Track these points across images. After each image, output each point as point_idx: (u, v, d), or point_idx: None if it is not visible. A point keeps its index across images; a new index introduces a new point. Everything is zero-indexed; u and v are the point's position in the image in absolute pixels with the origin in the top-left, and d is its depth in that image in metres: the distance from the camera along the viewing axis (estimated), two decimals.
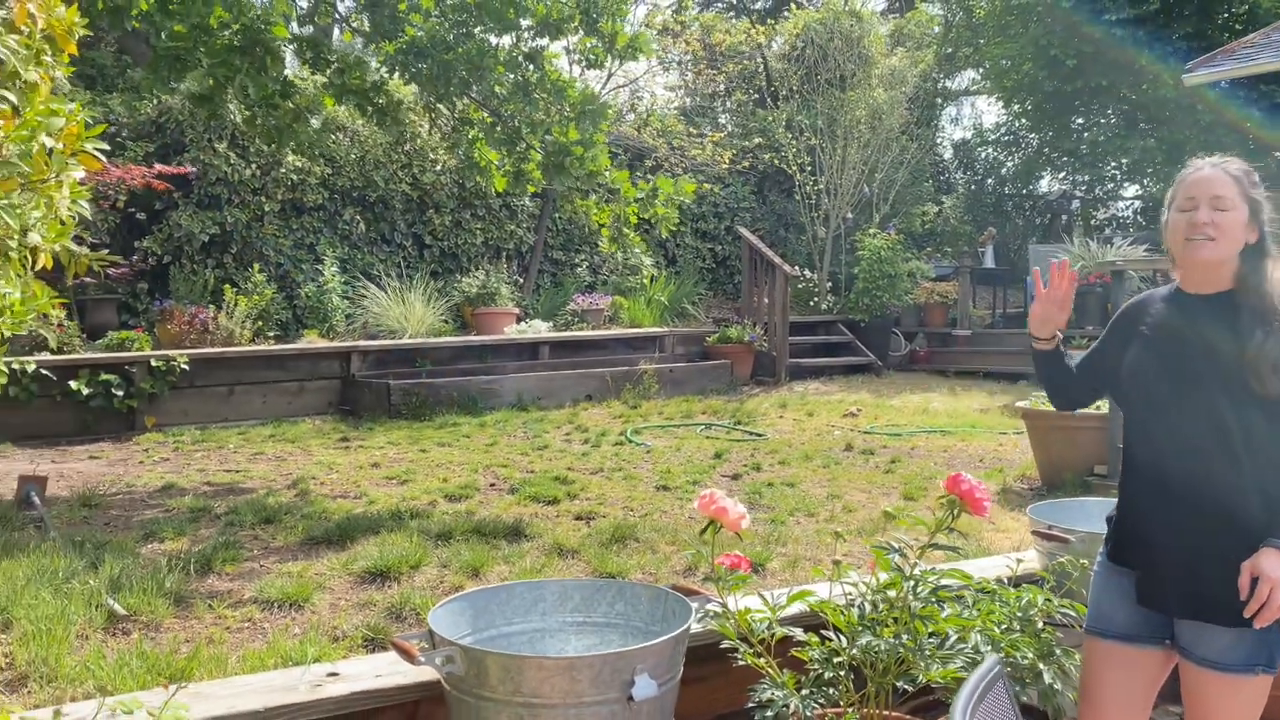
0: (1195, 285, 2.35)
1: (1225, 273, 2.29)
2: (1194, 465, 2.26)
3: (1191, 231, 2.26)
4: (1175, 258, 2.36)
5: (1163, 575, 2.33)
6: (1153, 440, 2.35)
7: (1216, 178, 2.29)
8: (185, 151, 10.30)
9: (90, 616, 3.13)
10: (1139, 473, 2.41)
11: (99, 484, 5.74)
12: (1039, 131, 15.67)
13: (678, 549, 4.27)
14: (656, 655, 2.24)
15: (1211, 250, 2.26)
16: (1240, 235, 2.27)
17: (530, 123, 6.06)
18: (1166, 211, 2.39)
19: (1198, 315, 2.32)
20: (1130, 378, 2.40)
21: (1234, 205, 2.26)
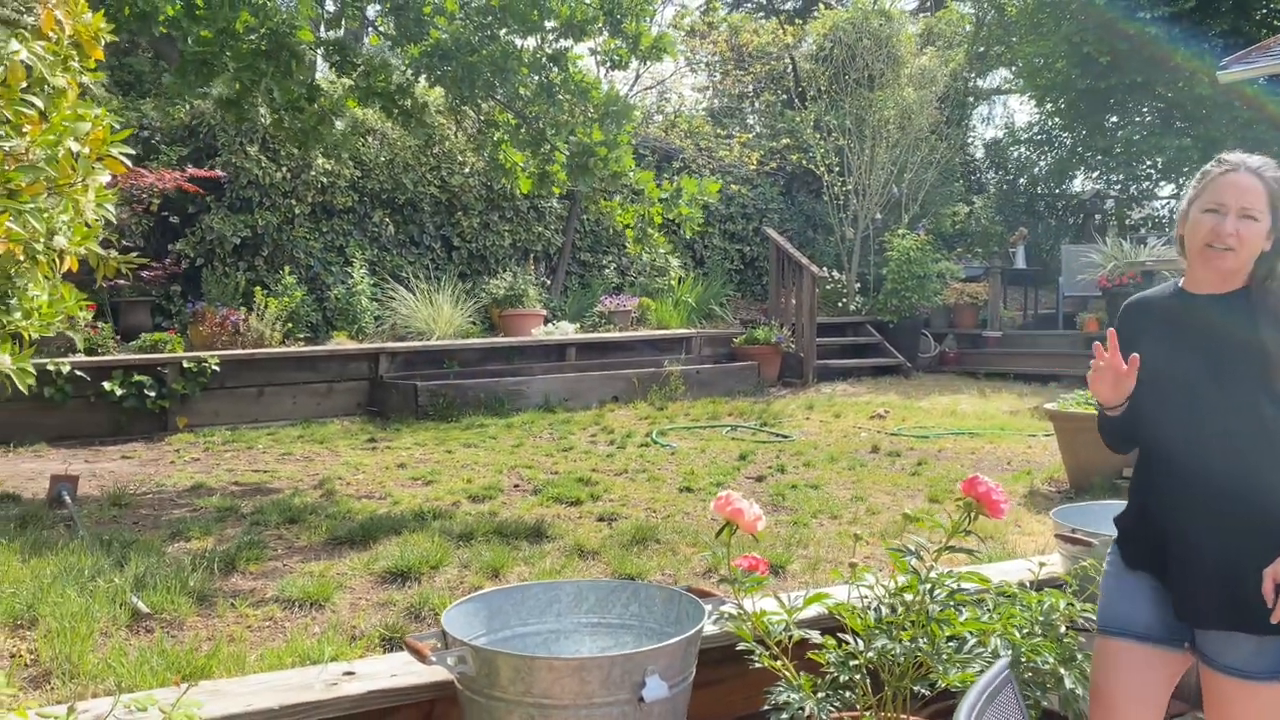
0: (1206, 286, 2.31)
1: (1238, 276, 2.27)
2: (1234, 467, 2.21)
3: (1215, 239, 2.22)
4: (1190, 257, 2.31)
5: (1197, 584, 2.27)
6: (1185, 445, 2.27)
7: (1250, 186, 2.24)
8: (217, 155, 10.42)
9: (114, 614, 3.17)
10: (1168, 478, 2.33)
11: (130, 483, 5.81)
12: (1072, 130, 15.49)
13: (698, 551, 4.26)
14: (668, 657, 2.24)
15: (1232, 261, 2.23)
16: (1259, 244, 2.24)
17: (554, 124, 6.07)
18: (1186, 203, 2.33)
19: (1216, 315, 2.28)
20: (1151, 382, 2.32)
21: (1261, 215, 2.23)
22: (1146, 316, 2.42)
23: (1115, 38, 13.40)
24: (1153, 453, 2.38)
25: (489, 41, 5.71)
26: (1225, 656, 2.22)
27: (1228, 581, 2.20)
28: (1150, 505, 2.38)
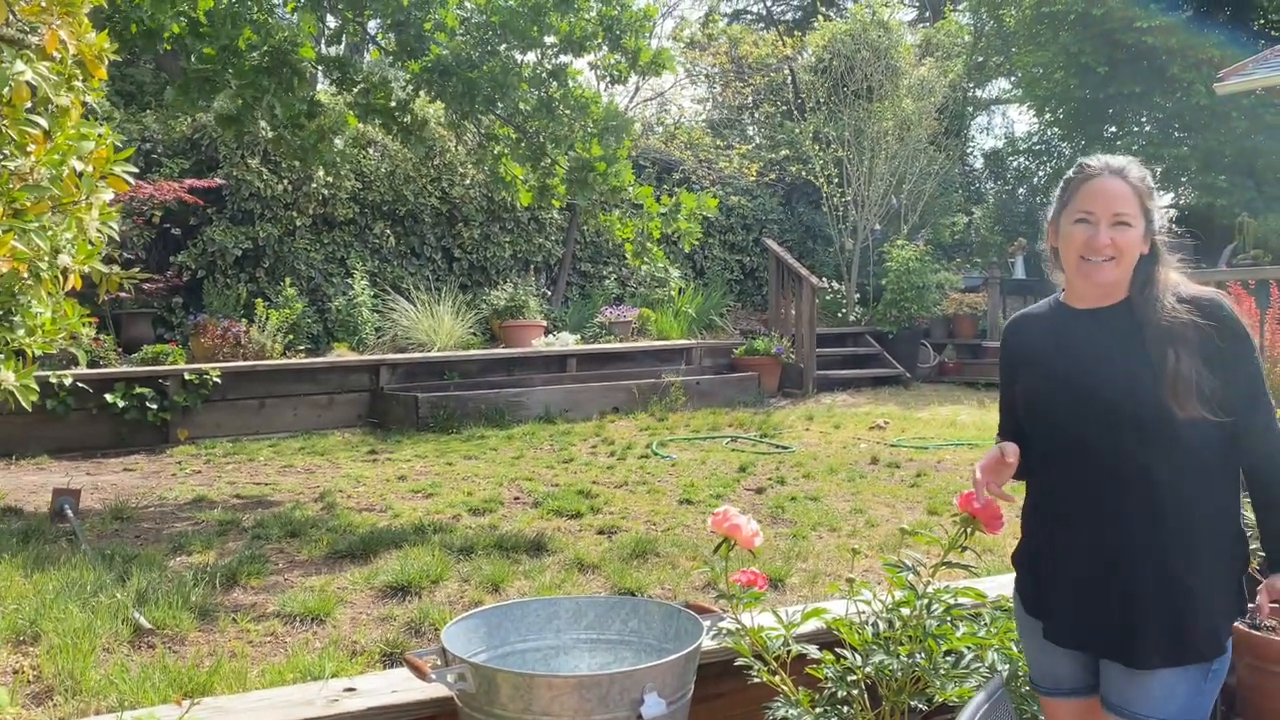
0: (1086, 301, 2.18)
1: (1120, 287, 2.14)
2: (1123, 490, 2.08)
3: (1091, 252, 2.10)
4: (1067, 271, 2.18)
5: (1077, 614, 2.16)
6: (1072, 469, 2.16)
7: (1118, 191, 2.10)
8: (219, 167, 10.46)
9: (116, 630, 3.19)
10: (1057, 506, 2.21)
11: (131, 496, 5.83)
12: (1071, 140, 15.55)
13: (698, 564, 4.28)
14: (666, 674, 2.25)
15: (1110, 272, 2.10)
16: (1138, 251, 2.12)
17: (554, 138, 6.11)
18: (1053, 213, 2.21)
19: (1097, 333, 2.15)
20: (1030, 408, 2.23)
21: (1134, 220, 2.10)
22: (1028, 335, 2.30)
23: (1113, 48, 13.46)
24: (1040, 480, 2.26)
25: (489, 57, 5.75)
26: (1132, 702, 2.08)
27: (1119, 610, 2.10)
28: (1040, 539, 2.27)
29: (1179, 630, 2.04)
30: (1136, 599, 2.07)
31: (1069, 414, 2.14)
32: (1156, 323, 2.06)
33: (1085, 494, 2.14)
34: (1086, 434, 2.11)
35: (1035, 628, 2.27)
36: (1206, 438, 2.03)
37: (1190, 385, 1.99)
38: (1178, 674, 2.04)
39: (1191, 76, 12.82)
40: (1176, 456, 2.04)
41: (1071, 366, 2.16)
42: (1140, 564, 2.07)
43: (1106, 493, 2.11)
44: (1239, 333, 2.07)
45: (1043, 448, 2.20)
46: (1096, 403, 2.10)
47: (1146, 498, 2.06)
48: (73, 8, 3.09)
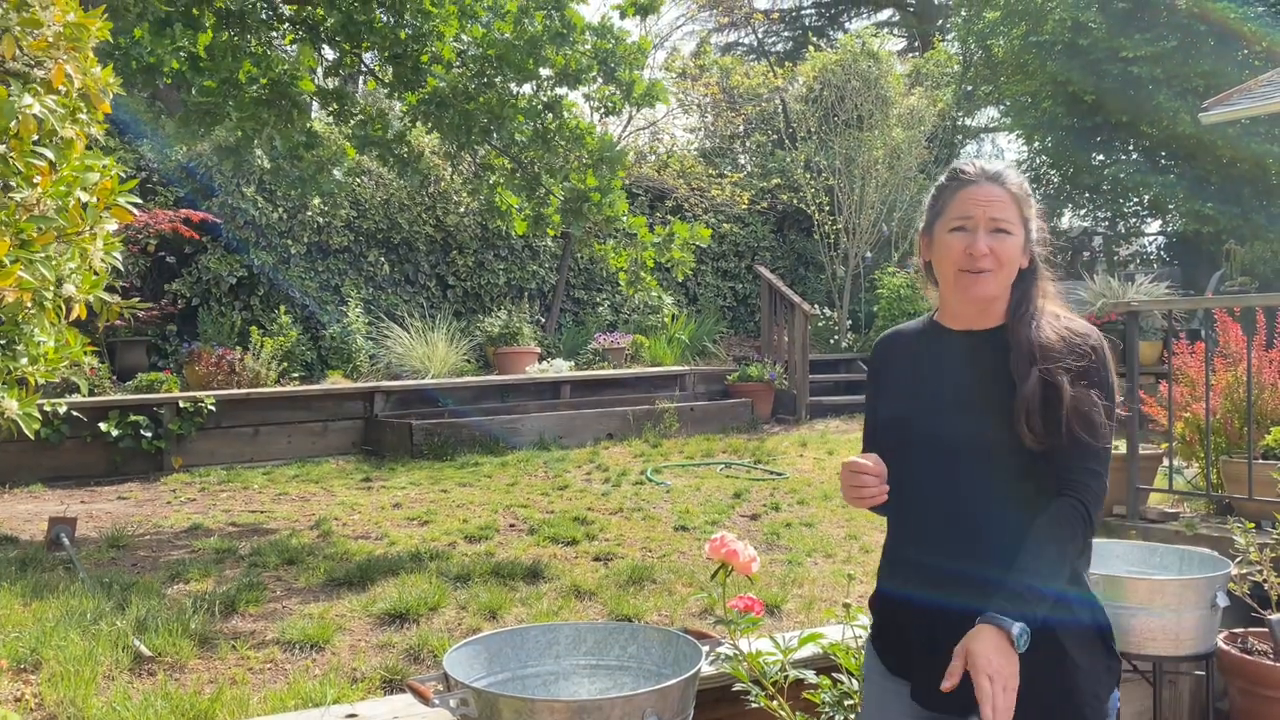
0: (961, 320, 1.99)
1: (998, 306, 1.96)
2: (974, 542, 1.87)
3: (968, 263, 1.90)
4: (942, 286, 1.99)
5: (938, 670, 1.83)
6: (925, 509, 1.94)
7: (997, 197, 1.92)
8: (214, 196, 10.52)
9: (117, 658, 3.20)
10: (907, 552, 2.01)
11: (127, 525, 5.84)
12: (1059, 168, 15.72)
13: (694, 590, 4.31)
14: (666, 698, 2.28)
15: (990, 285, 1.91)
16: (1018, 262, 1.94)
17: (549, 169, 6.19)
18: (925, 223, 2.03)
19: (963, 354, 1.97)
20: (887, 431, 2.03)
21: (1014, 229, 1.92)
22: (895, 355, 2.12)
23: (1100, 78, 13.64)
24: (898, 515, 2.04)
25: (486, 89, 5.83)
26: None
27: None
28: (895, 584, 2.04)
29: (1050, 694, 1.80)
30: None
31: (927, 444, 1.94)
32: (1024, 344, 1.88)
33: (938, 537, 1.93)
34: (941, 468, 1.92)
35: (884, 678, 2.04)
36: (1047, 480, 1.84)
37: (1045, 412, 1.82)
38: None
39: (1178, 105, 13.00)
40: (1037, 501, 1.84)
41: (935, 392, 1.97)
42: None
43: (960, 537, 1.89)
44: (1102, 373, 1.88)
45: (899, 478, 1.93)
46: (954, 434, 1.91)
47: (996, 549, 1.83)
48: (79, 43, 3.15)
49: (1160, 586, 3.46)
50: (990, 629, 1.69)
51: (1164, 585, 3.47)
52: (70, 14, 3.13)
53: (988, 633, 1.69)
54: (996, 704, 1.61)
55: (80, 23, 3.14)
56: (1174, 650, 3.48)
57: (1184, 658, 3.53)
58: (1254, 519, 4.54)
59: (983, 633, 1.69)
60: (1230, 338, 5.55)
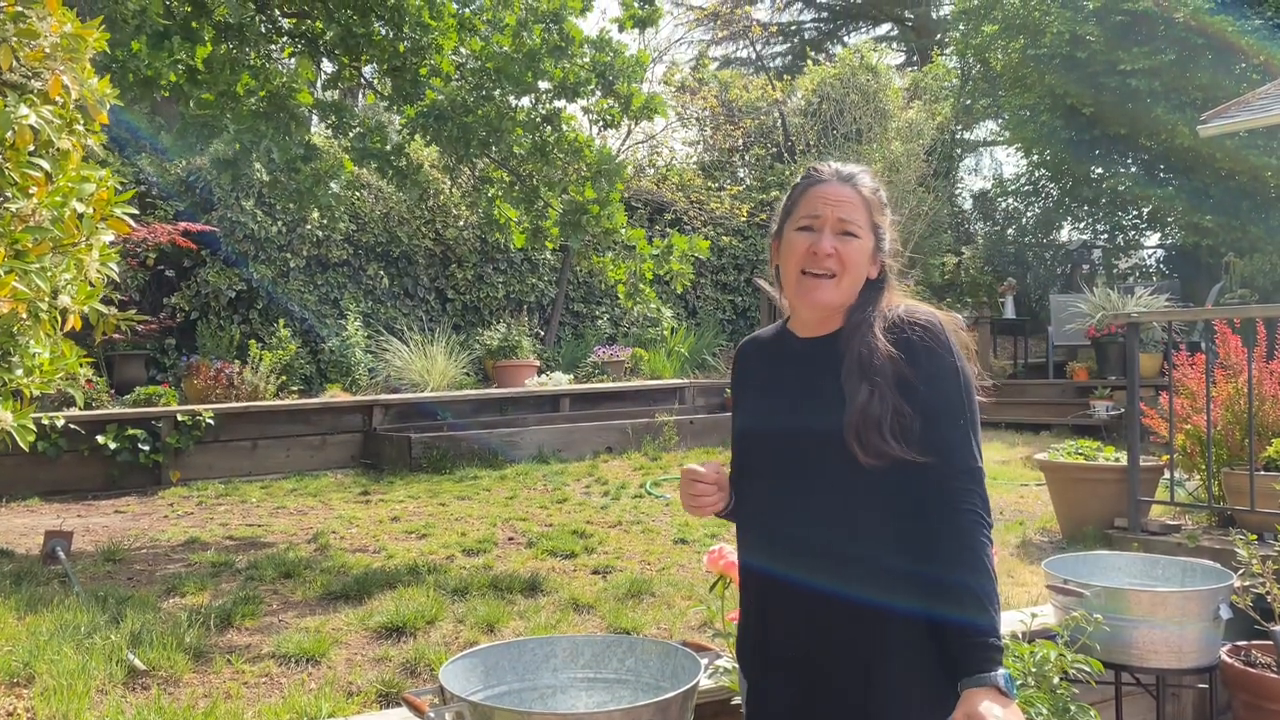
0: (807, 327, 1.93)
1: (840, 314, 1.89)
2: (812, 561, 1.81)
3: (812, 263, 1.83)
4: (786, 290, 1.91)
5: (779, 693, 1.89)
6: (766, 525, 1.89)
7: (846, 197, 1.86)
8: (213, 209, 10.53)
9: (111, 672, 3.17)
10: (744, 561, 1.98)
11: (124, 538, 5.81)
12: (1058, 181, 15.74)
13: (693, 603, 4.28)
14: (665, 712, 2.26)
15: (831, 292, 1.84)
16: (864, 270, 1.87)
17: (548, 182, 6.18)
18: (777, 224, 1.96)
19: (805, 364, 1.90)
20: (740, 439, 1.98)
21: (863, 233, 1.86)
22: (748, 364, 2.06)
23: (1099, 91, 13.67)
24: (742, 525, 1.99)
25: (485, 102, 5.83)
26: None
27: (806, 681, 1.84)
28: (748, 602, 1.99)
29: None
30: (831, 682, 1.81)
31: (768, 457, 1.89)
32: (854, 353, 1.80)
33: (780, 557, 1.87)
34: (780, 482, 1.86)
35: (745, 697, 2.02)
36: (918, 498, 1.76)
37: (878, 426, 1.73)
38: None
39: (1176, 118, 13.02)
40: (875, 516, 1.78)
41: (779, 401, 1.91)
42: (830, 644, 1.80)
43: (798, 557, 1.84)
44: (944, 362, 1.80)
45: (743, 488, 1.93)
46: (794, 444, 1.85)
47: (839, 563, 1.79)
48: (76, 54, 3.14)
49: (1163, 599, 3.44)
50: (985, 690, 1.63)
51: (1167, 598, 3.44)
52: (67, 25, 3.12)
53: (985, 694, 1.62)
54: None
55: (77, 33, 3.13)
56: (1177, 663, 3.45)
57: (1187, 670, 3.50)
58: (1256, 531, 4.51)
59: (979, 696, 1.62)
60: (1230, 349, 5.53)
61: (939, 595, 1.73)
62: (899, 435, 1.74)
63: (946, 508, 1.74)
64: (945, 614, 1.73)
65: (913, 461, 1.74)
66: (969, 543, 1.72)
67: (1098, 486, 5.64)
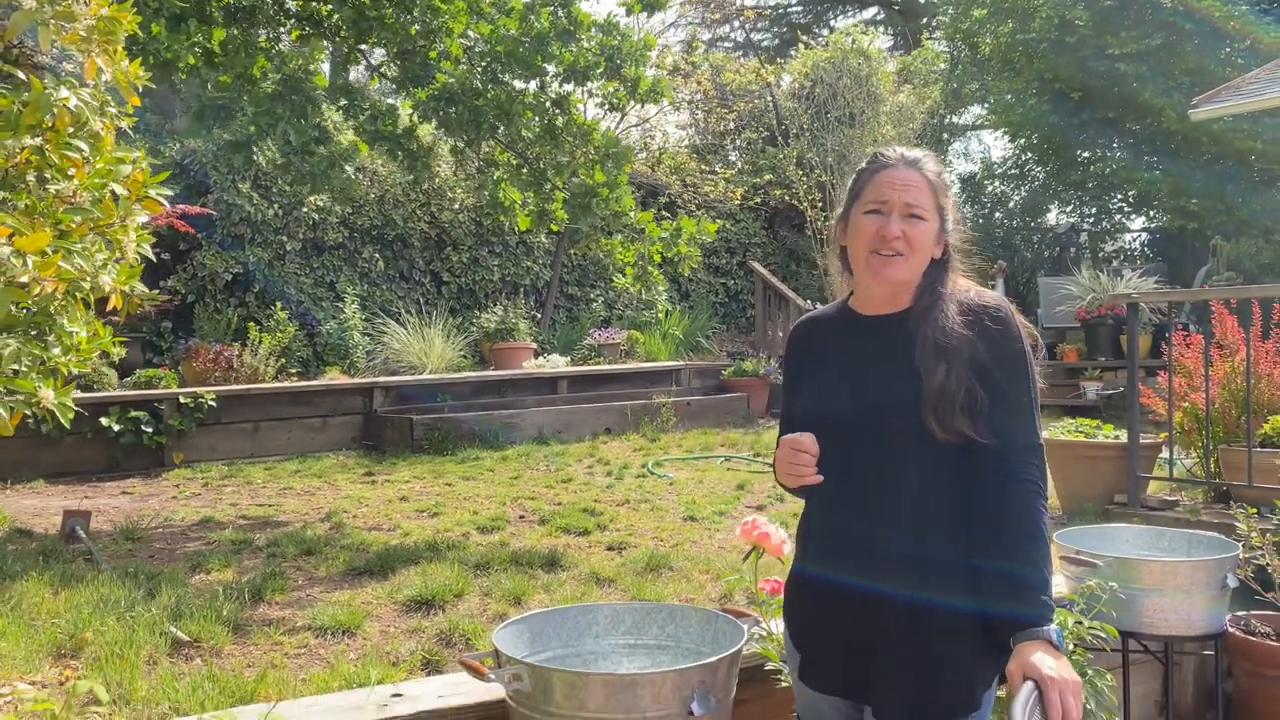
0: (873, 305, 2.01)
1: (909, 292, 1.97)
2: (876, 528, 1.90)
3: (882, 245, 1.91)
4: (856, 270, 1.99)
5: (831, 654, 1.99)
6: (835, 495, 1.96)
7: (913, 181, 1.94)
8: (209, 192, 10.52)
9: (155, 643, 3.25)
10: (812, 533, 2.05)
11: (138, 518, 5.86)
12: (1045, 165, 15.88)
13: (712, 577, 4.38)
14: (714, 673, 2.35)
15: (902, 269, 1.92)
16: (930, 250, 1.95)
17: (555, 165, 6.24)
18: (844, 207, 2.03)
19: (874, 341, 1.98)
20: (805, 420, 2.01)
21: (928, 214, 1.94)
22: (812, 341, 2.12)
23: (1086, 75, 13.79)
24: (811, 501, 2.06)
25: (493, 85, 5.87)
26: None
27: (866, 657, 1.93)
28: (805, 566, 2.07)
29: (926, 687, 1.87)
30: (883, 648, 1.90)
31: (838, 429, 1.95)
32: (929, 334, 1.88)
33: (843, 523, 1.96)
34: (852, 453, 1.92)
35: (795, 660, 2.11)
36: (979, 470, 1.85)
37: (954, 404, 1.83)
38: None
39: (1163, 101, 13.17)
40: (940, 489, 1.88)
41: (847, 377, 1.98)
42: (890, 609, 1.88)
43: (863, 523, 1.93)
44: (1013, 346, 1.90)
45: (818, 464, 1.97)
46: (863, 419, 1.92)
47: (904, 534, 1.89)
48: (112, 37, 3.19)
49: (1173, 568, 3.56)
50: (1038, 643, 1.73)
51: (1176, 567, 3.56)
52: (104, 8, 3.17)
53: (1038, 647, 1.72)
54: (1069, 714, 1.64)
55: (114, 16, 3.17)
56: (1185, 630, 3.57)
57: (1194, 638, 3.62)
58: (1254, 505, 4.65)
59: (1032, 648, 1.72)
60: (1226, 329, 5.67)
61: (996, 557, 1.83)
62: (970, 413, 1.83)
63: (1007, 477, 1.85)
64: (1001, 573, 1.83)
65: (972, 438, 1.84)
66: (1025, 509, 1.83)
67: (1097, 464, 5.77)
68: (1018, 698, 1.70)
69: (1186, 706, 4.56)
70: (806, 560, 2.08)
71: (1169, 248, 14.30)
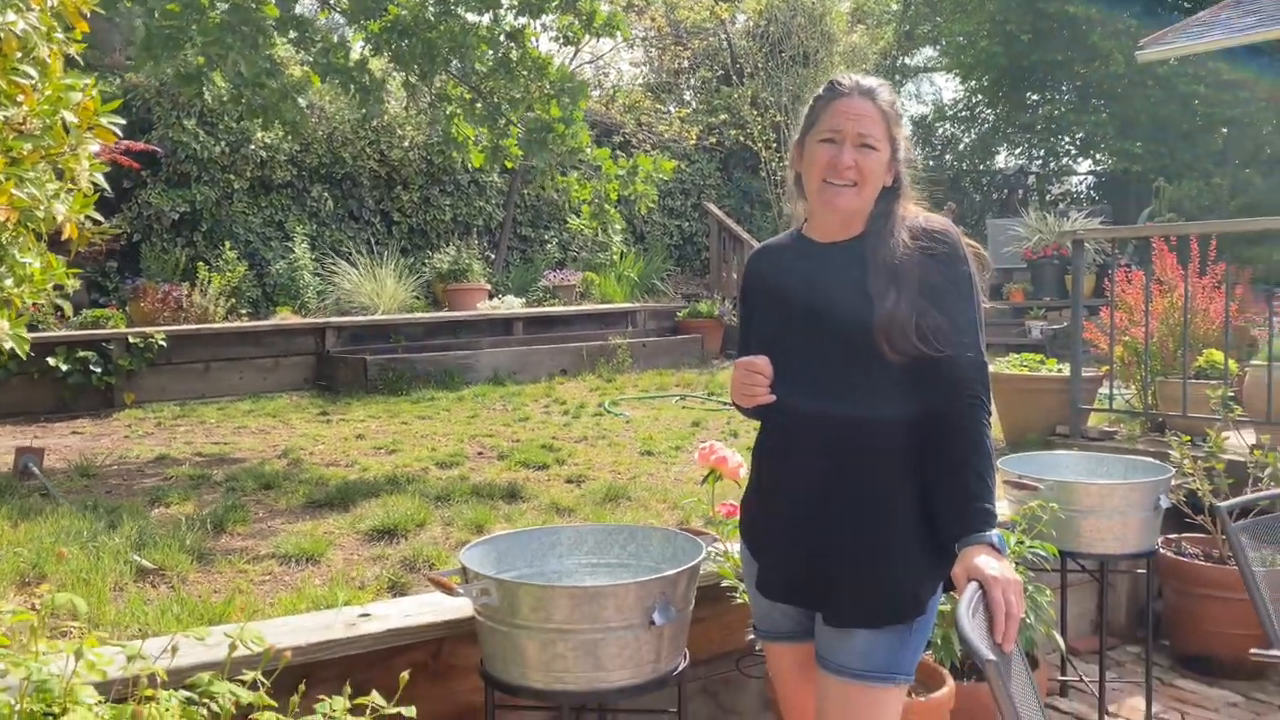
0: (826, 232, 2.08)
1: (860, 219, 2.04)
2: (826, 441, 2.02)
3: (834, 175, 1.98)
4: (810, 197, 2.07)
5: (784, 564, 2.12)
6: (790, 412, 2.06)
7: (866, 112, 1.99)
8: (152, 129, 10.27)
9: (121, 570, 3.27)
10: (763, 448, 2.17)
11: (92, 456, 5.82)
12: (995, 107, 16.03)
13: (669, 506, 4.48)
14: (675, 585, 2.44)
15: (853, 199, 2.00)
16: (881, 179, 2.02)
17: (510, 100, 6.20)
18: (799, 134, 2.09)
19: (827, 267, 2.05)
20: (759, 343, 2.11)
21: (881, 145, 2.00)
22: (767, 268, 2.19)
23: (1036, 16, 13.89)
24: (767, 419, 2.16)
25: (447, 17, 5.80)
26: (836, 655, 2.02)
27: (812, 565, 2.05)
28: (761, 479, 2.19)
29: (875, 592, 1.99)
30: (832, 554, 2.02)
31: (792, 352, 2.05)
32: (881, 259, 1.97)
33: (797, 437, 2.07)
34: (807, 371, 2.03)
35: (751, 572, 2.23)
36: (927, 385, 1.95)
37: (905, 327, 1.92)
38: (878, 632, 1.99)
39: (1110, 45, 13.33)
40: (891, 405, 1.97)
41: (803, 301, 2.07)
42: (840, 518, 2.01)
43: (815, 438, 2.04)
44: (960, 268, 1.98)
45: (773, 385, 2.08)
46: (816, 342, 2.03)
47: (854, 447, 2.00)
48: None
49: (1110, 490, 3.72)
50: (980, 547, 1.84)
51: (1114, 489, 3.72)
52: None
53: (981, 551, 1.83)
54: (1011, 610, 1.74)
55: None
56: (1120, 549, 3.75)
57: (1128, 555, 3.81)
58: (1187, 434, 4.85)
59: (976, 552, 1.83)
60: (1166, 266, 5.84)
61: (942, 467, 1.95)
62: (921, 335, 1.92)
63: (952, 393, 1.95)
64: (946, 482, 1.96)
65: (928, 357, 1.94)
66: (970, 421, 1.94)
67: (1041, 397, 5.95)
68: (963, 598, 1.80)
69: (1120, 623, 4.79)
70: (761, 475, 2.20)
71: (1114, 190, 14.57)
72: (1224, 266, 5.58)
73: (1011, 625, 1.73)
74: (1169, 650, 4.51)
